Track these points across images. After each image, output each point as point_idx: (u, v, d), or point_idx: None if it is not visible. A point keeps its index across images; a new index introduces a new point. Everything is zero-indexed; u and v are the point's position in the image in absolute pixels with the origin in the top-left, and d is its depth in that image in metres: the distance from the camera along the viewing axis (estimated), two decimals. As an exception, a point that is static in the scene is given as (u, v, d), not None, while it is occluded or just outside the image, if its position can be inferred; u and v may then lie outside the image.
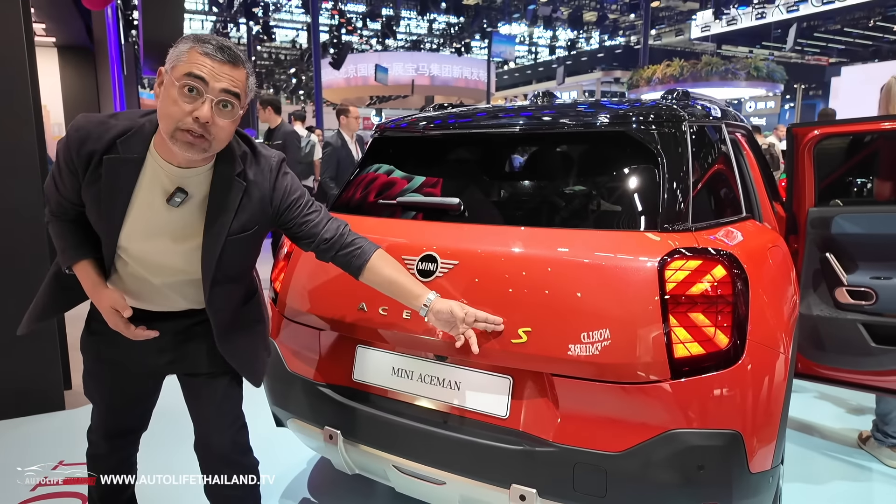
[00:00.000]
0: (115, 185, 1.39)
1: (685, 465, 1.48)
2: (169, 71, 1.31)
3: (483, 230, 1.82)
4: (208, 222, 1.43)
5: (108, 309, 1.48)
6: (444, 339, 1.72)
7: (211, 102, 1.30)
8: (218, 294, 1.51)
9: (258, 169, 1.49)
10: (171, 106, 1.30)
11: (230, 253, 1.47)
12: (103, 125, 1.38)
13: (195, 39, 1.33)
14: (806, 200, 2.62)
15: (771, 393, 1.58)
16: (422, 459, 1.77)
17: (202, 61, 1.30)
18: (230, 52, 1.33)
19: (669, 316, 1.51)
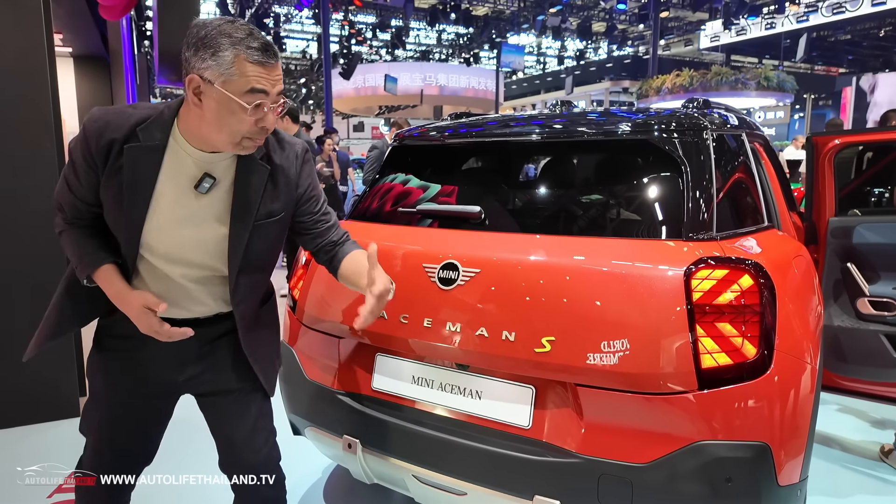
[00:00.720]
0: (137, 174, 1.32)
1: (713, 478, 1.46)
2: (218, 84, 1.22)
3: (504, 238, 1.82)
4: (235, 207, 1.38)
5: (139, 310, 1.36)
6: (465, 349, 1.71)
7: (273, 108, 1.28)
8: (243, 285, 1.45)
9: (283, 154, 1.45)
10: (235, 122, 1.25)
11: (257, 240, 1.42)
12: (122, 114, 1.33)
13: (237, 43, 1.22)
14: (826, 210, 2.60)
15: (799, 404, 1.56)
16: (443, 469, 1.75)
17: (258, 73, 1.23)
18: (272, 48, 1.27)
19: (696, 325, 1.49)
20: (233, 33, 1.22)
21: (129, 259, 1.39)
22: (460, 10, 19.88)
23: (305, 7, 16.98)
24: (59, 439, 2.97)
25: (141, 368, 1.48)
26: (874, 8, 18.01)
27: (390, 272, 1.89)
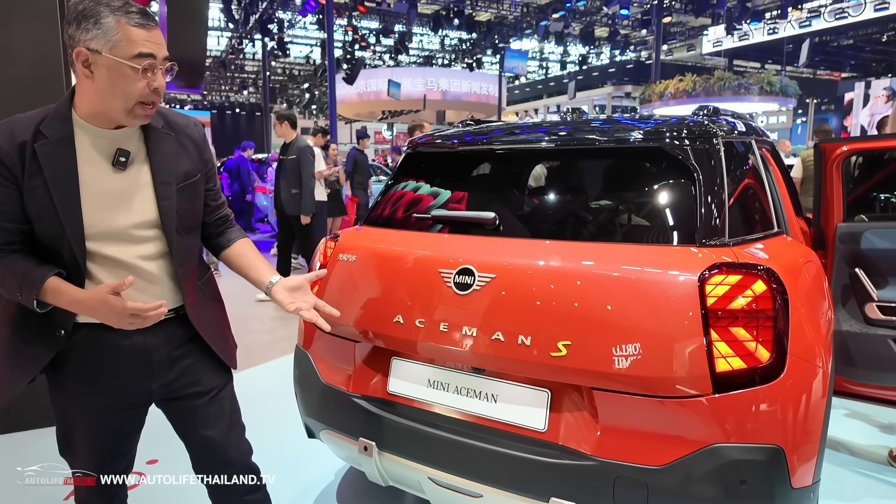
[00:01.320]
0: (57, 167, 1.34)
1: (727, 480, 1.48)
2: (106, 52, 1.28)
3: (519, 244, 1.85)
4: (155, 174, 1.45)
5: (104, 301, 1.31)
6: (481, 353, 1.74)
7: (162, 69, 1.36)
8: (181, 247, 1.50)
9: (183, 122, 1.56)
10: (127, 85, 1.31)
11: (182, 201, 1.50)
12: (18, 120, 1.36)
13: (116, 10, 1.29)
14: (834, 215, 2.62)
15: (812, 408, 1.58)
16: (458, 472, 1.77)
17: (141, 36, 1.31)
18: (150, 13, 1.34)
19: (710, 330, 1.52)
20: (110, 2, 1.29)
21: (80, 259, 1.37)
22: (463, 16, 19.97)
23: (310, 13, 17.07)
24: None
25: (113, 382, 1.48)
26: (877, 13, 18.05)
27: (406, 278, 1.93)
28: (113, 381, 1.48)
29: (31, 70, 2.92)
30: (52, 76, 2.97)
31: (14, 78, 2.89)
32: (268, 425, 3.00)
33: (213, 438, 1.60)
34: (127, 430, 1.59)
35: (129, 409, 1.55)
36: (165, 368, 1.52)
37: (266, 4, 18.30)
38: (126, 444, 1.61)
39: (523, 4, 21.42)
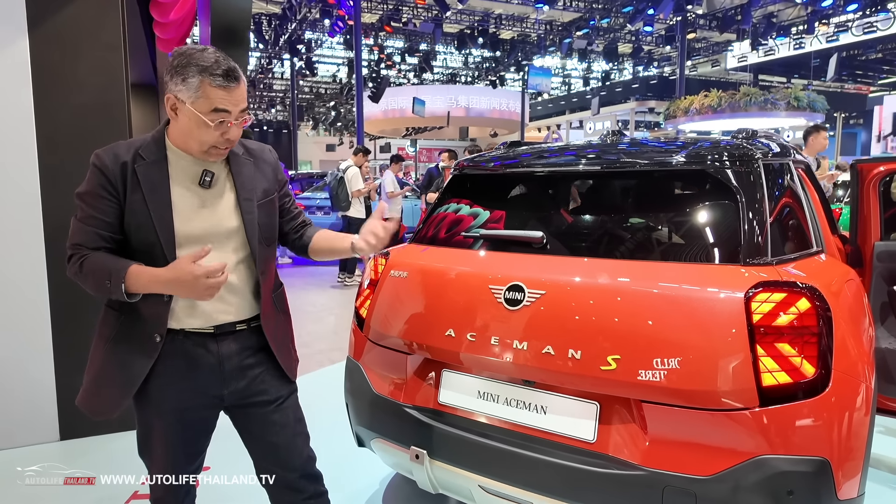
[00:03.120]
0: (153, 183, 1.54)
1: (775, 490, 1.54)
2: (187, 103, 1.47)
3: (567, 262, 1.93)
4: (238, 191, 1.65)
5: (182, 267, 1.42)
6: (531, 366, 1.82)
7: (236, 123, 1.53)
8: (262, 257, 1.67)
9: (258, 150, 1.76)
10: (202, 133, 1.51)
11: (262, 215, 1.68)
12: (120, 145, 1.56)
13: (202, 71, 1.45)
14: (872, 234, 2.66)
15: (856, 421, 1.64)
16: (509, 480, 1.85)
17: (220, 95, 1.47)
18: (235, 73, 1.49)
19: (756, 346, 1.58)
20: (200, 62, 1.46)
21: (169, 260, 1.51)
22: (487, 35, 20.23)
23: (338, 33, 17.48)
24: (127, 449, 3.13)
25: (189, 386, 1.62)
26: (907, 27, 17.82)
27: (457, 293, 2.03)
28: (189, 386, 1.62)
29: (97, 97, 3.11)
30: (116, 102, 3.16)
31: (81, 104, 3.08)
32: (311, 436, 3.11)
33: (277, 444, 1.72)
34: (199, 432, 1.71)
35: (203, 413, 1.67)
36: (237, 376, 1.65)
37: (295, 25, 18.80)
38: (198, 446, 1.73)
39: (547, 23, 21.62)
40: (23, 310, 3.05)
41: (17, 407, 3.08)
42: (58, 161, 3.04)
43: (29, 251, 3.02)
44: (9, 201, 2.98)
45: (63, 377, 3.14)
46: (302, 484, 1.76)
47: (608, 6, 19.32)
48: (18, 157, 2.97)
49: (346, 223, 7.67)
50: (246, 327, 1.67)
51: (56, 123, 3.03)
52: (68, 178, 3.06)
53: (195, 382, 1.62)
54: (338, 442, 2.78)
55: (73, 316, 3.13)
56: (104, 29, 3.09)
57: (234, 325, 1.64)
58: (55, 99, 3.02)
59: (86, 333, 3.10)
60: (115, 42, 3.11)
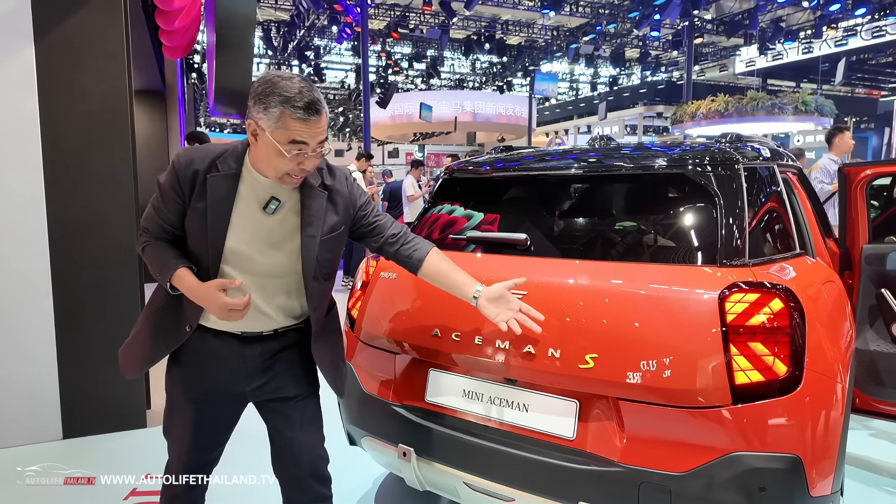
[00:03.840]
0: (218, 197, 1.57)
1: (747, 487, 1.57)
2: (267, 131, 1.48)
3: (549, 263, 1.98)
4: (304, 226, 1.64)
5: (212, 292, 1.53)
6: (513, 365, 1.86)
7: (314, 155, 1.53)
8: (316, 292, 1.69)
9: (335, 180, 1.72)
10: (278, 162, 1.52)
11: (324, 252, 1.67)
12: (204, 150, 1.61)
13: (284, 101, 1.45)
14: (859, 237, 2.68)
15: (829, 419, 1.66)
16: (492, 477, 1.89)
17: (300, 127, 1.47)
18: (317, 105, 1.49)
19: (730, 345, 1.62)
20: (283, 92, 1.46)
21: (213, 274, 1.60)
22: (494, 40, 20.30)
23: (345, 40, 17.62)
24: (129, 447, 3.21)
25: (214, 380, 1.70)
26: (916, 31, 17.72)
27: (443, 294, 2.08)
28: (213, 380, 1.70)
29: (100, 104, 3.19)
30: (118, 108, 3.24)
31: (85, 111, 3.17)
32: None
33: (292, 439, 1.76)
34: (220, 424, 1.78)
35: (225, 404, 1.75)
36: (258, 374, 1.72)
37: (303, 32, 18.97)
38: (217, 437, 1.80)
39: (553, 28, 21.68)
40: (27, 310, 3.13)
41: (20, 405, 3.16)
42: (62, 165, 3.13)
43: (33, 252, 3.11)
44: (14, 203, 3.07)
45: (66, 376, 3.22)
46: (309, 483, 1.77)
47: (615, 12, 19.34)
48: (24, 161, 3.06)
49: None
50: (273, 333, 1.73)
51: (60, 129, 3.12)
52: (72, 181, 3.16)
53: (219, 378, 1.70)
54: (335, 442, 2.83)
55: (76, 316, 3.21)
56: (107, 38, 3.18)
57: (260, 333, 1.70)
58: (60, 105, 3.11)
59: (89, 333, 3.21)
60: (118, 51, 3.20)
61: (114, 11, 3.19)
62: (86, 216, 3.20)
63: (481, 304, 1.74)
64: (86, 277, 3.22)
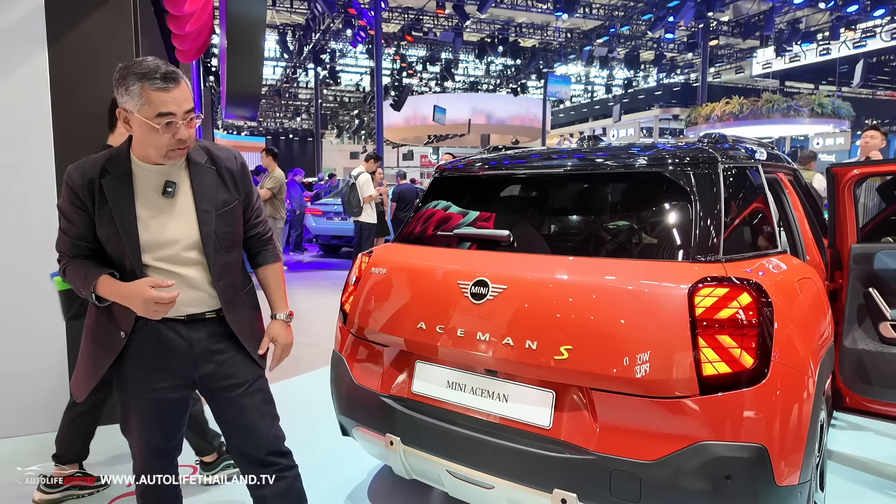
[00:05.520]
0: (119, 197, 1.64)
1: (713, 474, 1.62)
2: (135, 112, 1.55)
3: (530, 259, 2.04)
4: (197, 202, 1.72)
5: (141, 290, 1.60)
6: (493, 356, 1.93)
7: (184, 123, 1.60)
8: (220, 264, 1.75)
9: (222, 157, 1.80)
10: (156, 138, 1.58)
11: (221, 224, 1.75)
12: (91, 159, 1.67)
13: (141, 77, 1.52)
14: (848, 237, 2.70)
15: (796, 411, 1.71)
16: (473, 465, 1.96)
17: (162, 98, 1.54)
18: (174, 75, 1.55)
19: (698, 337, 1.67)
20: (137, 69, 1.54)
21: (138, 269, 1.66)
22: (508, 43, 20.38)
23: (360, 43, 17.80)
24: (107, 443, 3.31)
25: (161, 366, 1.74)
26: (937, 32, 17.45)
27: (429, 288, 2.15)
28: (161, 366, 1.74)
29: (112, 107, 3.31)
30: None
31: (96, 113, 3.28)
32: (308, 429, 3.25)
33: (247, 426, 1.82)
34: (174, 410, 1.82)
35: (175, 392, 1.79)
36: (205, 359, 1.77)
37: (319, 36, 19.21)
38: (174, 424, 1.85)
39: (567, 30, 21.69)
40: (38, 303, 3.25)
41: (32, 396, 3.28)
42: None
43: (44, 248, 3.23)
44: (28, 202, 3.20)
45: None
46: (270, 459, 1.84)
47: (629, 14, 19.30)
48: (37, 161, 3.19)
49: (359, 228, 7.84)
50: (215, 316, 1.80)
51: (72, 130, 3.24)
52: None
53: (167, 364, 1.74)
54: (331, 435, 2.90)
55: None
56: (117, 42, 3.30)
57: (203, 314, 1.77)
58: (72, 108, 3.23)
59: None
60: (128, 54, 3.31)
61: (124, 15, 3.31)
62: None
63: (282, 324, 1.93)
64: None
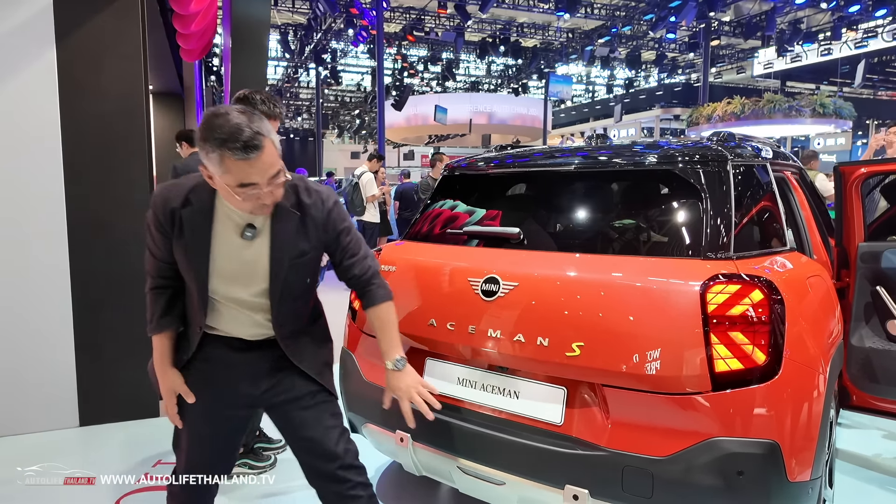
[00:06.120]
0: (195, 231, 1.59)
1: (725, 471, 1.62)
2: (216, 177, 1.46)
3: (540, 256, 2.05)
4: (273, 250, 1.62)
5: (168, 389, 1.71)
6: (504, 353, 1.94)
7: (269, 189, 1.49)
8: (284, 312, 1.69)
9: (311, 200, 1.66)
10: (237, 203, 1.51)
11: (293, 275, 1.66)
12: (178, 185, 1.62)
13: (220, 144, 1.39)
14: (855, 235, 2.71)
15: (807, 407, 1.71)
16: (484, 461, 1.96)
17: (243, 169, 1.42)
18: (255, 141, 1.40)
19: (710, 334, 1.68)
20: (218, 133, 1.39)
21: (202, 299, 1.65)
22: (509, 43, 20.38)
23: (361, 43, 17.82)
24: (142, 435, 3.32)
25: (223, 382, 1.73)
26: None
27: (440, 285, 2.16)
28: (223, 381, 1.73)
29: (118, 105, 3.33)
30: (135, 110, 3.38)
31: (103, 111, 3.31)
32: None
33: (312, 438, 1.75)
34: (231, 429, 1.79)
35: (235, 411, 1.77)
36: (266, 376, 1.74)
37: (320, 35, 19.22)
38: (230, 443, 1.81)
39: (568, 30, 21.69)
40: (46, 301, 3.27)
41: (39, 394, 3.29)
42: (81, 163, 3.27)
43: (53, 247, 3.24)
44: (36, 200, 3.21)
45: (83, 366, 3.35)
46: (341, 474, 1.75)
47: (630, 14, 19.31)
48: (45, 159, 3.20)
49: (361, 227, 7.85)
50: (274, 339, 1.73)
51: (80, 129, 3.25)
52: (90, 179, 3.30)
53: (228, 380, 1.73)
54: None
55: (93, 307, 3.35)
56: (124, 41, 3.32)
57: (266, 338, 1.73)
58: (79, 106, 3.24)
59: (105, 324, 3.34)
60: (135, 53, 3.33)
61: (131, 15, 3.32)
62: (103, 213, 3.34)
63: (394, 373, 1.79)
64: (103, 271, 3.35)
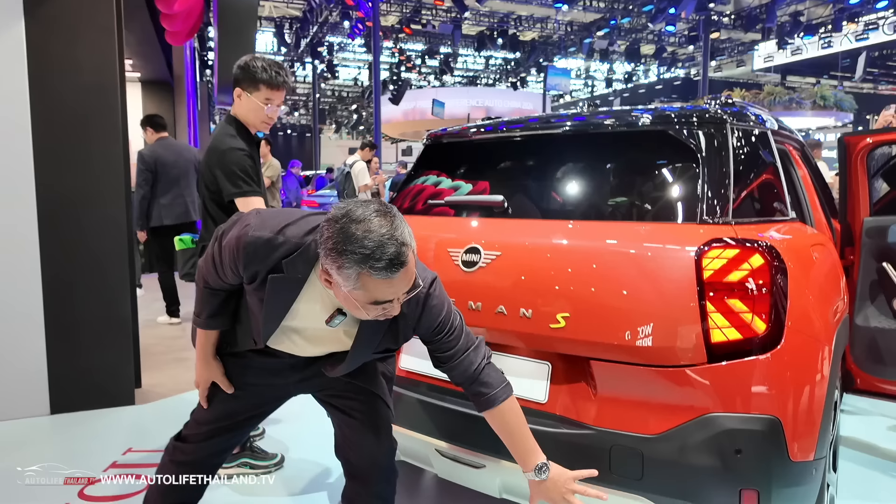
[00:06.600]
0: (277, 298, 1.41)
1: (722, 449, 1.49)
2: (343, 289, 1.23)
3: (525, 224, 1.91)
4: (357, 343, 1.48)
5: (206, 379, 1.61)
6: (485, 326, 1.80)
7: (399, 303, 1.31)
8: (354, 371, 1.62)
9: (405, 311, 1.43)
10: (359, 312, 1.30)
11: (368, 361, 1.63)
12: (270, 245, 1.36)
13: (362, 261, 1.17)
14: (860, 210, 2.57)
15: (811, 381, 1.58)
16: (462, 443, 1.83)
17: (381, 287, 1.21)
18: (399, 259, 1.19)
19: (706, 302, 1.54)
20: (359, 249, 1.16)
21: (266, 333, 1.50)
22: (507, 36, 20.21)
23: (358, 36, 17.65)
24: (116, 423, 3.19)
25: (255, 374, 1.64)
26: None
27: (419, 257, 2.02)
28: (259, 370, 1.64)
29: (93, 77, 3.19)
30: (109, 84, 3.23)
31: (76, 86, 3.16)
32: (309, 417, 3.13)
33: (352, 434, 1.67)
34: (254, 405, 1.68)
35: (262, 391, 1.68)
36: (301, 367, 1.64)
37: (316, 29, 19.05)
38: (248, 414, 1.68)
39: (567, 23, 21.52)
40: (16, 289, 3.13)
41: (10, 382, 3.16)
42: (51, 141, 3.12)
43: (22, 228, 3.10)
44: (3, 179, 3.06)
45: (54, 354, 3.21)
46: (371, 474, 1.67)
47: (629, 6, 19.15)
48: (13, 140, 3.05)
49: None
50: None
51: (51, 104, 3.11)
52: (61, 157, 3.15)
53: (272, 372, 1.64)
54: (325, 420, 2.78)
55: (63, 295, 3.21)
56: (99, 12, 3.17)
57: None
58: (50, 80, 3.10)
59: (76, 313, 3.19)
60: (109, 24, 3.19)
61: (104, -15, 3.18)
62: (75, 193, 3.20)
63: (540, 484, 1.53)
64: (74, 254, 3.22)
